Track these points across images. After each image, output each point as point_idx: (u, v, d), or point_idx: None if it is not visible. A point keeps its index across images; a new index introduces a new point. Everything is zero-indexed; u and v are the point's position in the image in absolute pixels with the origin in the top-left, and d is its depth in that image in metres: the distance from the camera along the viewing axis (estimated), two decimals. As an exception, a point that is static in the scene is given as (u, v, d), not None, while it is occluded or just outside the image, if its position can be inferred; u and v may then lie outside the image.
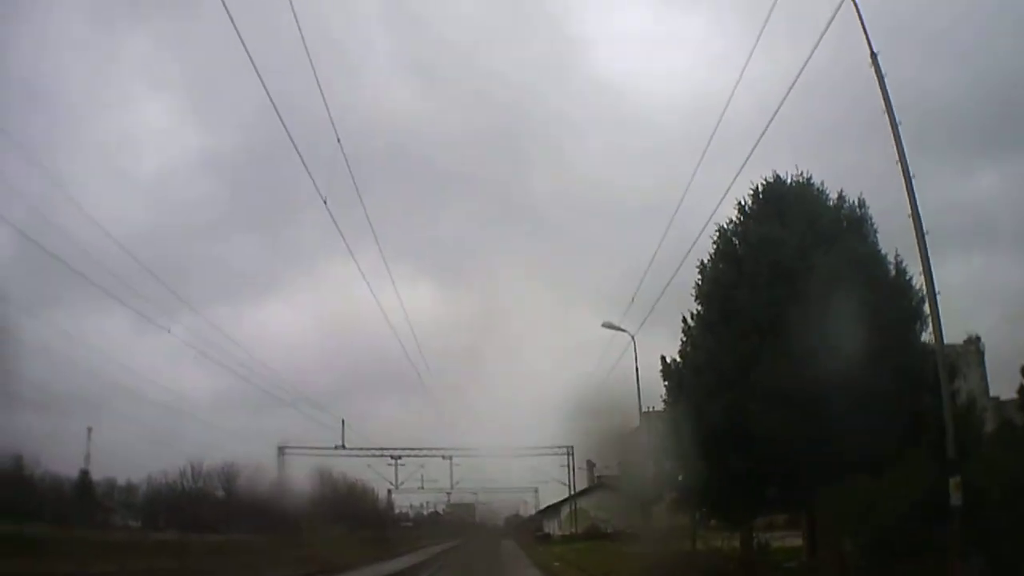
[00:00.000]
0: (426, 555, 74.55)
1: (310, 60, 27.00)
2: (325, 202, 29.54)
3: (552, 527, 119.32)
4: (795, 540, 40.41)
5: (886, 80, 25.22)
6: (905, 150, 24.93)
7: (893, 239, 32.67)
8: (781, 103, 27.03)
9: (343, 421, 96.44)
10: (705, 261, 36.64)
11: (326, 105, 31.05)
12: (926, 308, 30.25)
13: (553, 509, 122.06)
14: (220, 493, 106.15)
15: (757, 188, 36.11)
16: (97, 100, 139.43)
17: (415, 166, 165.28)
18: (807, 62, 25.68)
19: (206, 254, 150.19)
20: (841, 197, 35.54)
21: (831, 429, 28.78)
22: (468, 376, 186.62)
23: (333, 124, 30.67)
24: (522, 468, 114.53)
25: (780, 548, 39.38)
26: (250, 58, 24.24)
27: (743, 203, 36.23)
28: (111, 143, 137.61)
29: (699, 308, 37.07)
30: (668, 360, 39.84)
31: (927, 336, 31.13)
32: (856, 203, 35.31)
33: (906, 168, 24.98)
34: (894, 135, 25.08)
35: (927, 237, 25.14)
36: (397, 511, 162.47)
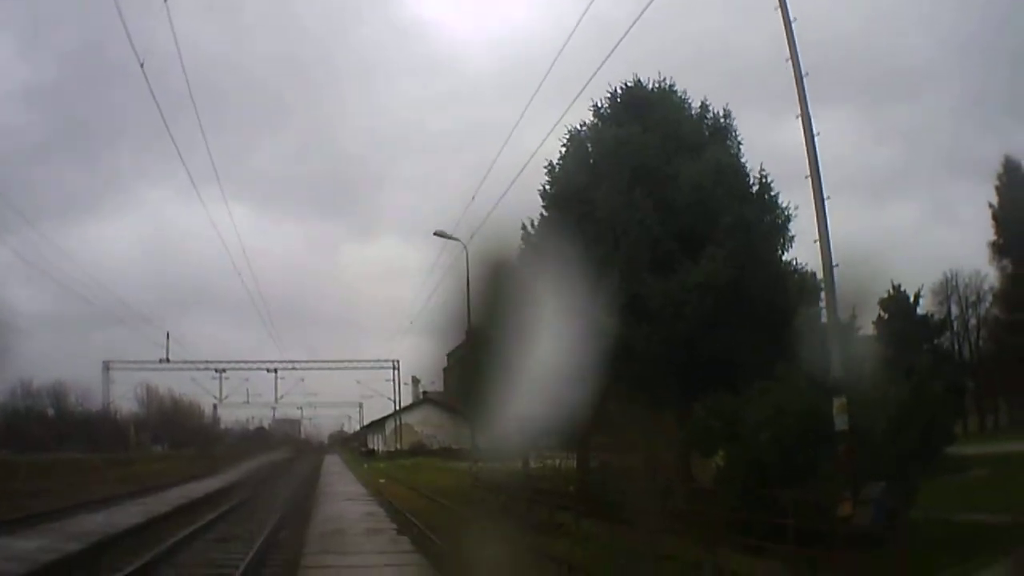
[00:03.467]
0: (248, 471, 70.83)
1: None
2: (142, 65, 25.03)
3: (377, 443, 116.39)
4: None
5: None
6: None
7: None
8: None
9: (167, 334, 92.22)
10: (554, 162, 32.76)
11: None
12: (791, 228, 29.23)
13: (378, 425, 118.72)
14: (50, 411, 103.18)
15: (615, 91, 32.61)
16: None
17: (228, 102, 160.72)
18: None
19: (29, 177, 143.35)
20: (704, 106, 32.35)
21: (692, 343, 25.84)
22: (292, 297, 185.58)
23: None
24: (348, 383, 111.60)
25: (620, 468, 36.24)
26: None
27: (599, 105, 32.65)
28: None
29: (543, 212, 33.14)
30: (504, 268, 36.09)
31: (789, 256, 29.55)
32: (721, 113, 32.16)
33: (809, 130, 21.50)
34: (798, 87, 21.47)
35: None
36: (223, 427, 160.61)
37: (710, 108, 32.36)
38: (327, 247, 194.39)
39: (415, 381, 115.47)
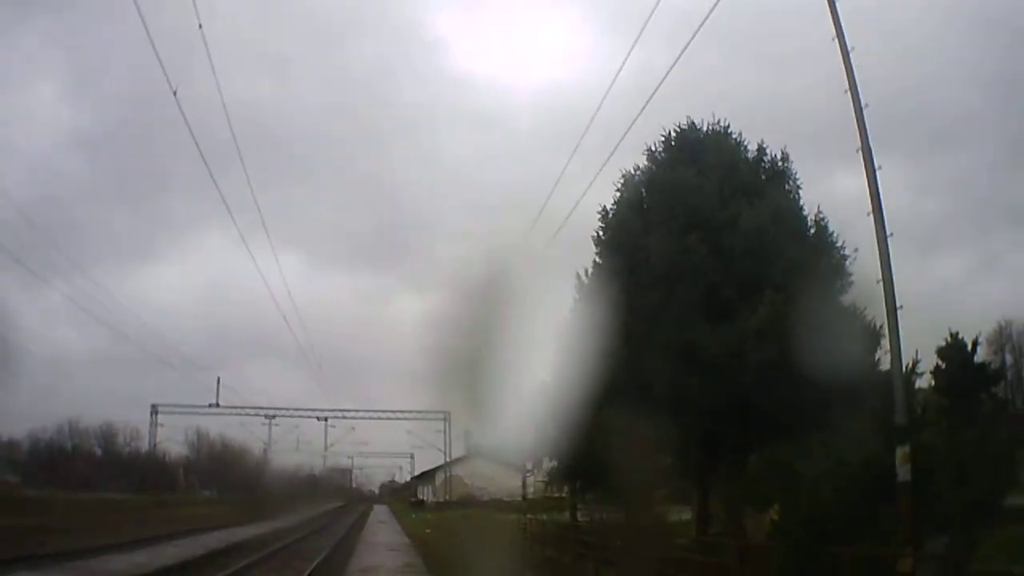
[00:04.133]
0: (295, 521, 69.89)
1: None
2: (175, 93, 24.37)
3: (426, 493, 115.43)
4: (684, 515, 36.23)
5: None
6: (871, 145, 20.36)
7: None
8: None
9: (218, 379, 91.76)
10: (608, 207, 31.76)
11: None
12: (848, 266, 28.04)
13: (428, 476, 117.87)
14: (98, 451, 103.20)
15: (669, 134, 31.67)
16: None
17: (274, 148, 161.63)
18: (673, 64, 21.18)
19: (83, 222, 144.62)
20: (761, 149, 31.18)
21: (749, 393, 24.65)
22: (343, 348, 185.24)
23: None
24: (398, 432, 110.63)
25: (676, 522, 35.06)
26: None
27: (652, 149, 31.71)
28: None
29: (597, 259, 32.09)
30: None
31: (847, 299, 27.87)
32: (779, 156, 30.92)
33: (870, 161, 20.48)
34: (857, 118, 20.50)
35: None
36: (274, 474, 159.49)
37: (767, 151, 31.23)
38: (380, 298, 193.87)
39: (467, 434, 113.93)
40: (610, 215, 31.65)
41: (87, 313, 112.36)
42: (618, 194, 31.76)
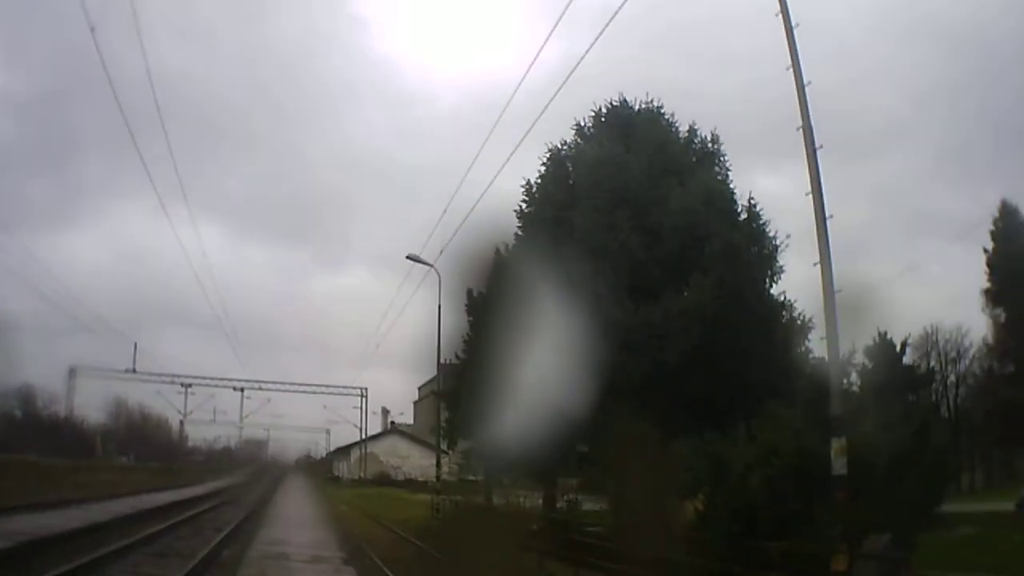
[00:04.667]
0: (209, 488, 68.53)
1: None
2: (92, 30, 22.94)
3: (342, 469, 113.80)
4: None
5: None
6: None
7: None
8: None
9: (135, 345, 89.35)
10: (532, 181, 30.59)
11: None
12: (779, 259, 27.39)
13: (344, 451, 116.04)
14: (17, 413, 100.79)
15: (599, 109, 30.62)
16: None
17: (196, 123, 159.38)
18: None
19: (2, 186, 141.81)
20: (692, 130, 30.19)
21: (675, 377, 23.55)
22: (260, 319, 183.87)
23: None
24: (315, 407, 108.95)
25: (590, 511, 33.95)
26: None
27: (582, 124, 30.59)
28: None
29: (518, 231, 30.93)
30: (475, 293, 33.90)
31: (776, 290, 27.55)
32: (709, 137, 29.96)
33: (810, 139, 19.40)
34: (799, 95, 19.38)
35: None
36: (191, 444, 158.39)
37: (698, 132, 30.36)
38: (296, 273, 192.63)
39: (384, 412, 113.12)
40: (534, 189, 30.46)
41: (7, 273, 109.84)
42: (543, 168, 30.65)
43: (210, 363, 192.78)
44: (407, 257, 43.07)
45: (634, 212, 26.78)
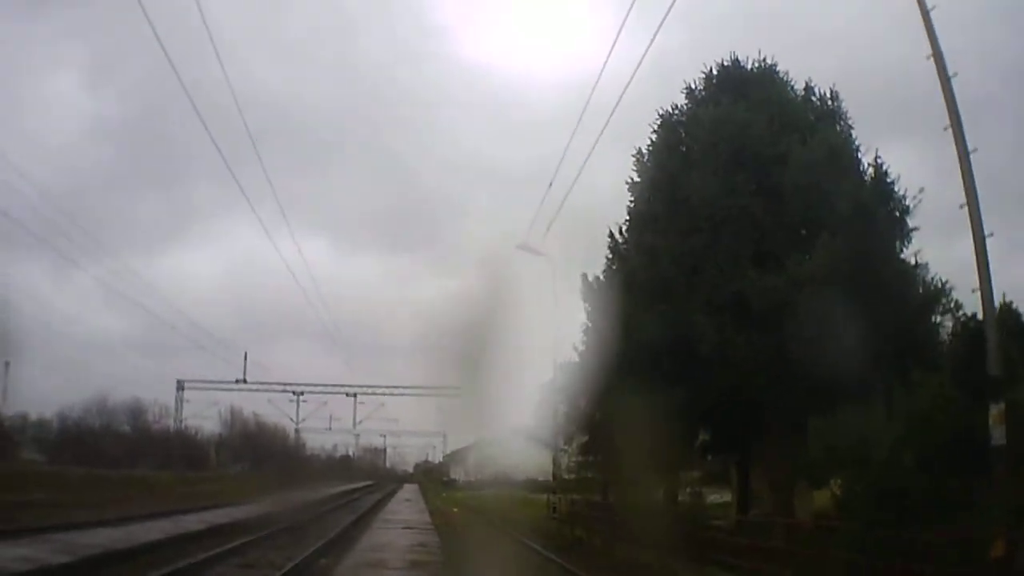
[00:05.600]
0: (320, 496, 67.69)
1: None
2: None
3: (458, 473, 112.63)
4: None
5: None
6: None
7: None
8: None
9: (245, 354, 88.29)
10: (643, 149, 28.44)
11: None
12: (910, 221, 24.27)
13: (460, 454, 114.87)
14: (125, 428, 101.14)
15: (710, 71, 28.40)
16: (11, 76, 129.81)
17: (296, 136, 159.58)
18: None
19: (109, 209, 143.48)
20: (809, 88, 27.73)
21: (799, 349, 21.12)
22: (369, 325, 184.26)
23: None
24: (428, 411, 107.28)
25: (713, 504, 31.73)
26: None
27: (692, 87, 28.44)
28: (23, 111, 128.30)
29: (630, 204, 29.19)
30: (590, 278, 31.96)
31: (908, 254, 24.40)
32: (828, 95, 27.37)
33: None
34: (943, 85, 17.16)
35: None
36: (310, 452, 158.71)
37: (815, 90, 27.69)
38: (404, 279, 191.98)
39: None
40: (646, 158, 28.30)
41: (117, 295, 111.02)
42: (654, 136, 28.48)
43: (321, 372, 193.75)
44: (517, 247, 41.23)
45: (754, 173, 24.58)
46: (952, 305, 22.62)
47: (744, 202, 24.10)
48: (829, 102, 27.08)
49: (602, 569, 23.05)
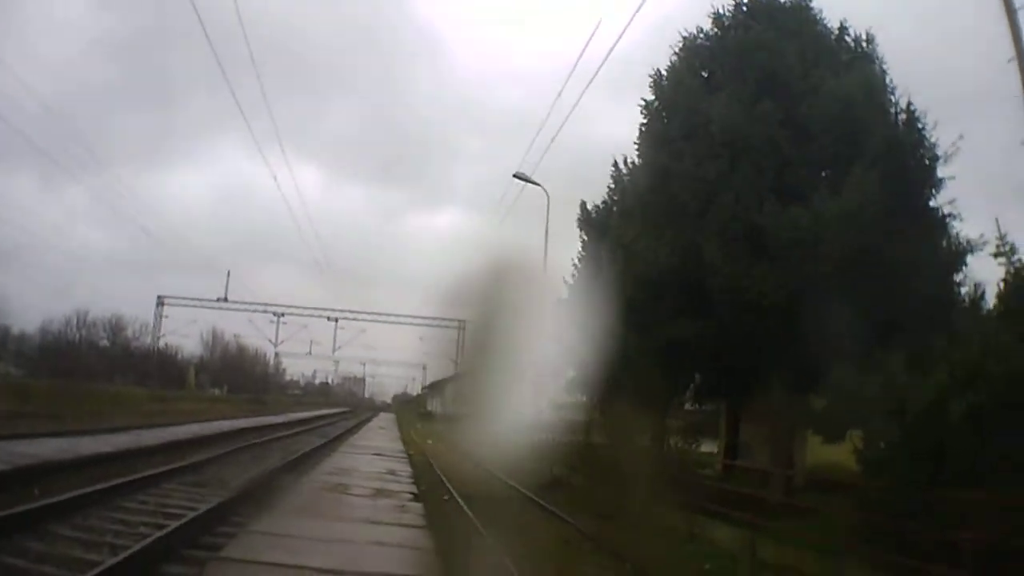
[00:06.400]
0: (293, 418, 66.80)
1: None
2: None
3: (436, 405, 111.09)
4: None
5: None
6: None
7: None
8: None
9: (228, 272, 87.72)
10: (661, 70, 26.37)
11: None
12: (939, 171, 22.11)
13: (438, 387, 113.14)
14: (105, 343, 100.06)
15: (740, -1, 26.06)
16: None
17: (296, 66, 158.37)
18: None
19: (106, 125, 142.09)
20: (843, 28, 25.41)
21: (827, 292, 19.14)
22: (355, 254, 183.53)
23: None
24: (410, 340, 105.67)
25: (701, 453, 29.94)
26: None
27: (721, 13, 26.19)
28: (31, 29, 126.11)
29: (642, 127, 26.88)
30: (589, 207, 30.55)
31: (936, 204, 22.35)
32: (864, 37, 25.01)
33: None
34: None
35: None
36: (289, 378, 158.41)
37: (849, 30, 25.36)
38: (392, 212, 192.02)
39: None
40: (664, 80, 26.19)
41: (107, 209, 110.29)
42: (675, 58, 26.34)
43: (304, 296, 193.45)
44: (514, 176, 39.30)
45: (782, 103, 22.53)
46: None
47: (770, 132, 22.04)
48: (864, 44, 24.87)
49: (583, 512, 21.27)
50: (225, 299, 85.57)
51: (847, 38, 25.12)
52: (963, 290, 20.87)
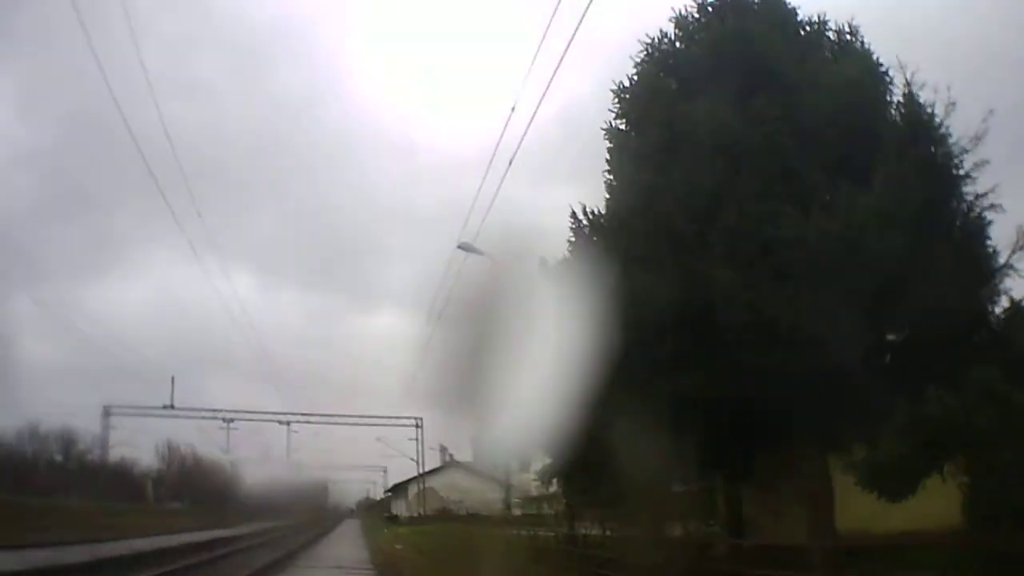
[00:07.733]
0: (253, 529, 64.37)
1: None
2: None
3: (400, 508, 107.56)
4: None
5: None
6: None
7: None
8: None
9: (172, 379, 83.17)
10: (622, 83, 22.73)
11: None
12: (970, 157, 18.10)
13: (401, 488, 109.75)
14: (58, 457, 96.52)
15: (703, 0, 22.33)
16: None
17: (219, 178, 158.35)
18: None
19: (37, 238, 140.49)
20: (822, 22, 21.75)
21: (867, 305, 15.28)
22: (300, 359, 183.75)
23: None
24: (368, 443, 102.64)
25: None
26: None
27: (683, 14, 22.49)
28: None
29: (609, 144, 23.03)
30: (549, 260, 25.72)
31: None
32: (846, 28, 21.37)
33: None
34: None
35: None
36: (251, 484, 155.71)
37: (828, 24, 21.80)
38: (330, 316, 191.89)
39: (443, 449, 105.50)
40: (627, 94, 22.34)
41: (46, 321, 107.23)
42: (637, 68, 22.43)
43: (254, 402, 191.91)
44: (459, 246, 35.67)
45: (777, 98, 18.96)
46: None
47: (769, 129, 18.30)
48: (848, 36, 21.32)
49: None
50: (171, 406, 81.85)
51: (828, 33, 21.64)
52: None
